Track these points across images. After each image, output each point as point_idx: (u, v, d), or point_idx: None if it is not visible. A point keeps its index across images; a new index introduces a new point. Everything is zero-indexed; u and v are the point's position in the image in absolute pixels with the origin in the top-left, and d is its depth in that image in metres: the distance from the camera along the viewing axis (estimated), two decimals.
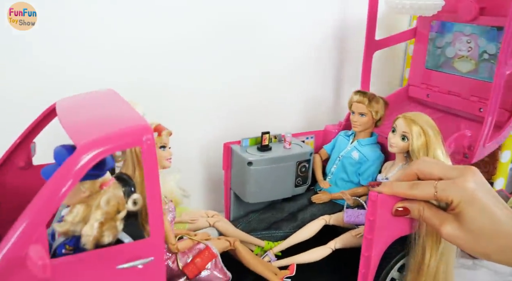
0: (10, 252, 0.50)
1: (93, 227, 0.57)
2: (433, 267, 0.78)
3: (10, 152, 0.75)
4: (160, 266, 0.60)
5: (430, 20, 1.06)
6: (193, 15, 1.02)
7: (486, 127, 0.84)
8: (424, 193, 0.56)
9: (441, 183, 0.54)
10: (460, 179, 0.53)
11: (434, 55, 1.07)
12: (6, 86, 0.93)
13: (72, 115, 0.63)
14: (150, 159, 0.56)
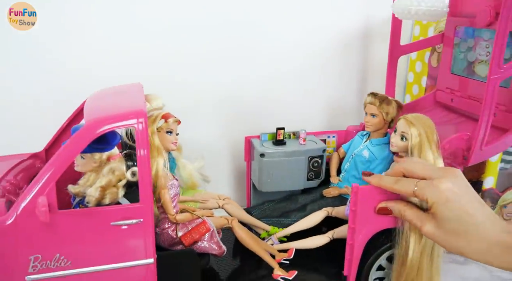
0: (30, 200, 0.66)
1: (96, 190, 0.71)
2: (416, 260, 0.81)
3: (57, 137, 0.93)
4: (148, 227, 0.72)
5: (456, 26, 1.06)
6: (214, 21, 1.13)
7: (481, 130, 0.84)
8: (404, 189, 0.59)
9: (421, 182, 0.57)
10: (437, 180, 0.55)
11: (458, 60, 1.08)
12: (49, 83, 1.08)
13: (93, 102, 0.78)
14: (141, 138, 0.69)
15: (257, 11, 1.15)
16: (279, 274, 0.88)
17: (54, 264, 0.69)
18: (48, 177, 0.66)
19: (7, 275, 0.67)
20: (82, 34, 1.07)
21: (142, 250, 0.73)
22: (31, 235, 0.67)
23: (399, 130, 0.90)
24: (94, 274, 0.72)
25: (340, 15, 1.22)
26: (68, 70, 1.07)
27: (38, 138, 0.94)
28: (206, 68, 1.15)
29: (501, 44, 0.79)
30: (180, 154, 0.94)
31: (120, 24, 1.08)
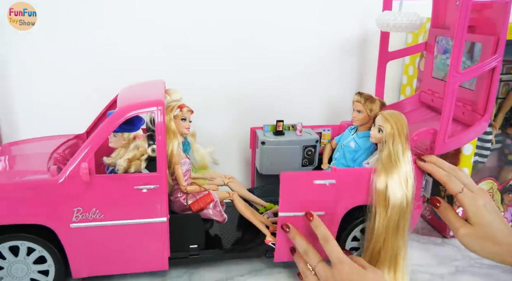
0: (75, 166, 0.88)
1: (124, 161, 0.92)
2: (382, 231, 0.97)
3: (96, 122, 1.14)
4: (163, 192, 0.92)
5: (436, 36, 1.22)
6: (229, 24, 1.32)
7: (443, 125, 1.00)
8: (452, 186, 0.93)
9: (466, 190, 0.92)
10: (476, 195, 0.91)
11: (438, 66, 1.23)
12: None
13: (125, 93, 0.99)
14: (159, 122, 0.90)
15: (264, 20, 1.33)
16: (269, 240, 1.06)
17: (91, 216, 0.90)
18: (89, 148, 0.87)
19: (58, 222, 0.89)
20: (114, 39, 1.27)
21: (158, 210, 0.93)
22: (75, 192, 0.88)
23: (377, 124, 1.07)
24: (121, 226, 0.92)
25: (339, 23, 1.39)
26: (106, 69, 1.28)
27: (81, 123, 1.16)
28: (219, 69, 1.34)
29: (458, 52, 0.94)
30: (195, 140, 1.14)
31: (146, 30, 1.28)
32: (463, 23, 0.92)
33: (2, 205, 0.86)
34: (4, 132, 1.29)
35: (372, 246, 0.99)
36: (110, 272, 0.97)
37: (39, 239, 0.90)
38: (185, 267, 1.06)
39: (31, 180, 0.88)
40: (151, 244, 0.95)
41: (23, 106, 1.29)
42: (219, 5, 1.30)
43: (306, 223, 0.98)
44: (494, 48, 1.00)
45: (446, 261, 1.14)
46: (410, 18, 1.06)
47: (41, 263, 0.91)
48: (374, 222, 0.98)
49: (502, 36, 0.98)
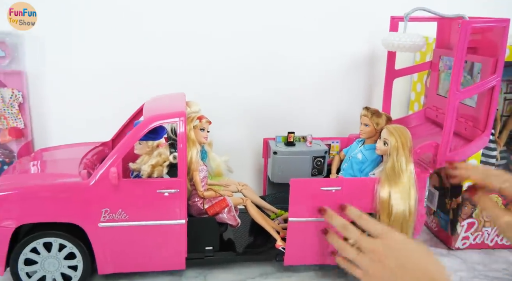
0: (105, 170, 0.97)
1: (148, 167, 1.01)
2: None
3: (120, 131, 1.24)
4: (182, 196, 1.01)
5: (440, 55, 1.29)
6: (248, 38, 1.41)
7: (444, 140, 1.07)
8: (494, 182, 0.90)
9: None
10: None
11: (442, 83, 1.30)
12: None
13: (150, 105, 1.09)
14: (181, 131, 0.99)
15: (279, 37, 1.42)
16: (280, 244, 1.14)
17: (117, 216, 0.99)
18: (117, 154, 0.97)
19: (88, 221, 0.98)
20: (137, 55, 1.36)
21: (177, 213, 1.01)
22: (104, 194, 0.97)
23: (383, 137, 1.14)
24: (144, 226, 1.00)
25: (349, 40, 1.47)
26: (129, 83, 1.38)
27: (107, 132, 1.26)
28: (235, 83, 1.43)
29: (458, 71, 1.01)
30: (211, 149, 1.23)
31: (167, 46, 1.37)
32: (463, 45, 1.00)
33: (39, 205, 0.96)
34: (36, 139, 1.39)
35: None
36: (132, 269, 1.05)
37: (70, 236, 0.98)
38: (200, 268, 1.14)
39: (65, 182, 0.98)
40: (170, 244, 1.03)
41: (54, 115, 1.39)
42: (235, 21, 1.39)
43: (315, 228, 1.05)
44: (493, 68, 1.07)
45: (450, 272, 1.19)
46: (413, 39, 1.14)
47: (71, 259, 1.00)
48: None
49: (501, 58, 1.05)
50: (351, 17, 1.45)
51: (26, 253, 0.98)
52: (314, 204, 1.05)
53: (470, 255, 1.27)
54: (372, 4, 1.45)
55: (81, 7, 1.32)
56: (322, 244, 1.09)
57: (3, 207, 0.96)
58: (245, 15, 1.40)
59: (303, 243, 1.08)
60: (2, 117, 1.33)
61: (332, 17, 1.45)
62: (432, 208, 1.39)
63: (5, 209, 0.96)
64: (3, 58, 1.30)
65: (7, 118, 1.34)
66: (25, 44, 1.31)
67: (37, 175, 1.07)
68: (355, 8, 1.45)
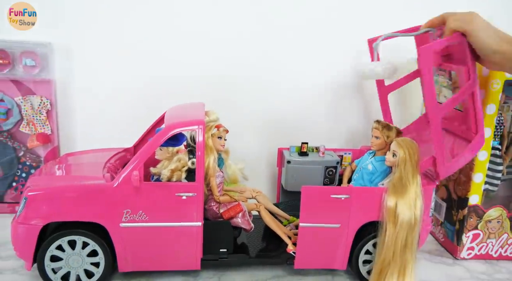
0: (128, 173, 1.03)
1: (168, 171, 1.07)
2: (391, 245, 1.08)
3: (142, 138, 1.31)
4: (199, 200, 1.06)
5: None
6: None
7: (438, 154, 1.09)
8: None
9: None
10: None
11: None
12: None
13: (170, 113, 1.15)
14: (199, 139, 1.05)
15: (296, 52, 1.49)
16: (291, 249, 1.18)
17: (138, 217, 1.04)
18: (140, 159, 1.03)
19: (110, 221, 1.04)
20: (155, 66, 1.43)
21: (194, 215, 1.06)
22: (126, 196, 1.03)
23: (392, 149, 1.19)
24: (162, 228, 1.06)
25: (362, 55, 1.52)
26: (153, 91, 1.46)
27: (129, 138, 1.34)
28: (253, 95, 1.49)
29: (430, 91, 1.01)
30: (228, 156, 1.28)
31: (188, 56, 1.45)
32: (425, 71, 0.99)
33: (65, 205, 1.02)
34: (62, 145, 1.47)
35: (382, 258, 1.09)
36: (150, 268, 1.10)
37: (93, 235, 1.05)
38: (215, 270, 1.19)
39: (90, 184, 1.04)
40: (187, 245, 1.08)
41: (79, 122, 1.47)
42: (254, 34, 1.46)
43: (325, 234, 1.10)
44: (467, 75, 1.07)
45: (455, 280, 1.22)
46: (384, 66, 1.17)
47: (93, 256, 1.06)
48: (385, 236, 1.08)
49: (472, 65, 1.05)
50: (364, 31, 1.49)
51: (52, 250, 1.04)
52: (324, 211, 1.10)
53: (475, 265, 1.30)
54: (385, 17, 1.50)
55: (108, 20, 1.40)
56: (331, 249, 1.13)
57: (31, 207, 1.02)
58: (263, 29, 1.47)
59: (313, 247, 1.13)
60: (31, 123, 1.42)
61: (346, 31, 1.50)
62: (439, 219, 1.42)
63: (33, 209, 1.02)
64: (33, 68, 1.39)
65: (35, 124, 1.42)
66: (54, 54, 1.40)
67: (64, 177, 1.14)
68: (369, 20, 1.50)
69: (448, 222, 1.37)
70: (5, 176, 1.44)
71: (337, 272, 1.22)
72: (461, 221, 1.31)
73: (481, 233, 1.31)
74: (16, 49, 1.34)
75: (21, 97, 1.40)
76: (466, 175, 1.27)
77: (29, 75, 1.38)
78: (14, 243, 1.04)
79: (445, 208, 1.39)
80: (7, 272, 1.13)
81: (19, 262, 1.15)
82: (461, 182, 1.30)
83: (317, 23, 1.49)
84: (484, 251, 1.33)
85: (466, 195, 1.28)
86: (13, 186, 1.45)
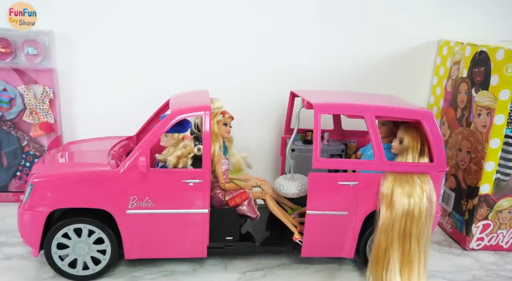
0: (134, 159, 1.02)
1: (174, 158, 1.06)
2: (386, 231, 1.05)
3: (145, 126, 1.30)
4: (206, 186, 1.06)
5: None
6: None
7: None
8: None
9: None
10: None
11: None
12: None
13: (175, 100, 1.15)
14: (206, 125, 1.04)
15: (301, 40, 1.49)
16: (297, 237, 1.17)
17: (144, 204, 1.04)
18: (146, 145, 1.02)
19: (116, 207, 1.03)
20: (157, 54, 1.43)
21: (201, 202, 1.06)
22: (132, 182, 1.02)
23: (398, 136, 1.18)
24: (169, 215, 1.05)
25: (366, 46, 1.52)
26: (151, 81, 1.45)
27: (132, 127, 1.32)
28: (257, 82, 1.49)
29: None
30: (232, 145, 1.28)
31: (192, 42, 1.44)
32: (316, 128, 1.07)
33: (71, 191, 1.01)
34: (65, 134, 1.46)
35: (377, 244, 1.06)
36: (156, 255, 1.10)
37: (98, 222, 1.04)
38: (221, 257, 1.19)
39: (96, 170, 1.03)
40: (193, 232, 1.08)
41: (82, 111, 1.46)
42: (260, 22, 1.45)
43: (332, 221, 1.09)
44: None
45: (464, 270, 1.21)
46: (299, 187, 1.22)
47: (99, 244, 1.05)
48: (378, 220, 1.06)
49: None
50: (370, 20, 1.49)
51: (58, 238, 1.03)
52: (331, 198, 1.09)
53: (484, 256, 1.29)
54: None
55: (108, 6, 1.39)
56: (338, 237, 1.13)
57: (37, 194, 1.02)
58: (267, 15, 1.46)
59: (320, 235, 1.12)
60: (34, 113, 1.40)
61: (348, 20, 1.50)
62: (447, 209, 1.42)
63: (39, 196, 1.02)
64: (35, 56, 1.37)
65: (38, 114, 1.41)
66: (55, 43, 1.39)
67: (69, 164, 1.13)
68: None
69: (456, 212, 1.37)
70: (9, 165, 1.43)
71: (344, 260, 1.21)
72: (471, 211, 1.30)
73: (492, 224, 1.30)
74: (18, 38, 1.33)
75: (24, 86, 1.38)
76: (477, 163, 1.26)
77: (32, 64, 1.37)
78: (20, 230, 1.03)
79: (453, 198, 1.38)
80: (15, 258, 1.13)
81: (26, 248, 1.15)
82: (471, 171, 1.29)
83: (324, 17, 1.48)
84: (494, 242, 1.32)
85: (477, 185, 1.27)
86: (17, 175, 1.44)
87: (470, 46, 1.32)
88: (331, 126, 1.43)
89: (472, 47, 1.31)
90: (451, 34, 1.46)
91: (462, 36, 1.45)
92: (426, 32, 1.50)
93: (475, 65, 1.29)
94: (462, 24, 1.51)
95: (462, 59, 1.35)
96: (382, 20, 1.49)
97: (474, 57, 1.30)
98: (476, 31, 1.49)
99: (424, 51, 1.53)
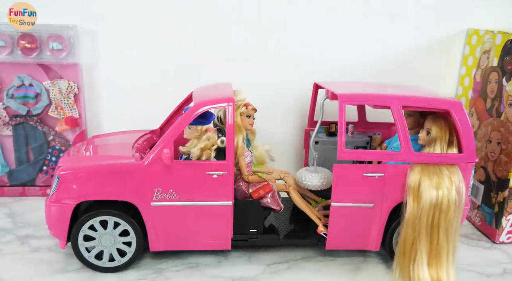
0: (158, 151, 1.02)
1: (197, 150, 1.06)
2: (413, 224, 1.03)
3: (168, 120, 1.30)
4: (230, 178, 1.05)
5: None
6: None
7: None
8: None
9: None
10: None
11: None
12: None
13: (199, 92, 1.14)
14: (229, 117, 1.03)
15: (325, 34, 1.47)
16: (321, 230, 1.16)
17: (168, 196, 1.04)
18: (170, 137, 1.02)
19: (141, 199, 1.03)
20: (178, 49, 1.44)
21: (225, 194, 1.05)
22: (157, 174, 1.02)
23: (426, 127, 1.14)
24: (193, 207, 1.05)
25: (393, 37, 1.49)
26: (180, 73, 1.45)
27: (155, 120, 1.33)
28: (281, 76, 1.48)
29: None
30: (254, 137, 1.27)
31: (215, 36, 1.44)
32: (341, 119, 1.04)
33: (97, 184, 1.02)
34: (89, 128, 1.48)
35: (404, 235, 1.04)
36: (181, 247, 1.10)
37: (123, 215, 1.05)
38: (244, 250, 1.18)
39: (121, 163, 1.04)
40: (217, 225, 1.07)
41: (106, 106, 1.48)
42: (283, 15, 1.44)
43: (357, 214, 1.07)
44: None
45: (493, 263, 1.18)
46: (321, 180, 1.19)
47: (125, 236, 1.06)
48: (405, 212, 1.04)
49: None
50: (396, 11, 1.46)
51: (85, 230, 1.04)
52: (356, 190, 1.08)
53: None
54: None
55: (132, 1, 1.39)
56: (364, 230, 1.11)
57: (63, 186, 1.03)
58: (293, 9, 1.44)
59: (345, 228, 1.10)
60: (59, 107, 1.42)
61: (378, 13, 1.47)
62: (476, 202, 1.38)
63: (65, 188, 1.03)
64: (60, 51, 1.39)
65: (63, 108, 1.43)
66: (80, 38, 1.40)
67: (95, 157, 1.14)
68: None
69: (486, 205, 1.33)
70: (36, 160, 1.45)
71: (369, 253, 1.19)
72: (501, 203, 1.26)
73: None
74: (42, 33, 1.35)
75: (49, 81, 1.40)
76: (507, 155, 1.22)
77: (57, 59, 1.39)
78: (48, 222, 1.05)
79: (482, 191, 1.35)
80: (43, 250, 1.15)
81: (53, 240, 1.17)
82: (501, 162, 1.25)
83: (348, 3, 1.46)
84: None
85: (507, 176, 1.23)
86: (43, 170, 1.47)
87: (502, 34, 1.28)
88: (355, 118, 1.40)
89: (504, 35, 1.27)
90: (480, 23, 1.41)
91: (492, 25, 1.40)
92: (454, 22, 1.46)
93: (506, 53, 1.25)
94: (491, 13, 1.46)
95: (493, 48, 1.31)
96: (410, 10, 1.45)
97: (506, 45, 1.25)
98: (507, 20, 1.44)
99: (452, 41, 1.49)
